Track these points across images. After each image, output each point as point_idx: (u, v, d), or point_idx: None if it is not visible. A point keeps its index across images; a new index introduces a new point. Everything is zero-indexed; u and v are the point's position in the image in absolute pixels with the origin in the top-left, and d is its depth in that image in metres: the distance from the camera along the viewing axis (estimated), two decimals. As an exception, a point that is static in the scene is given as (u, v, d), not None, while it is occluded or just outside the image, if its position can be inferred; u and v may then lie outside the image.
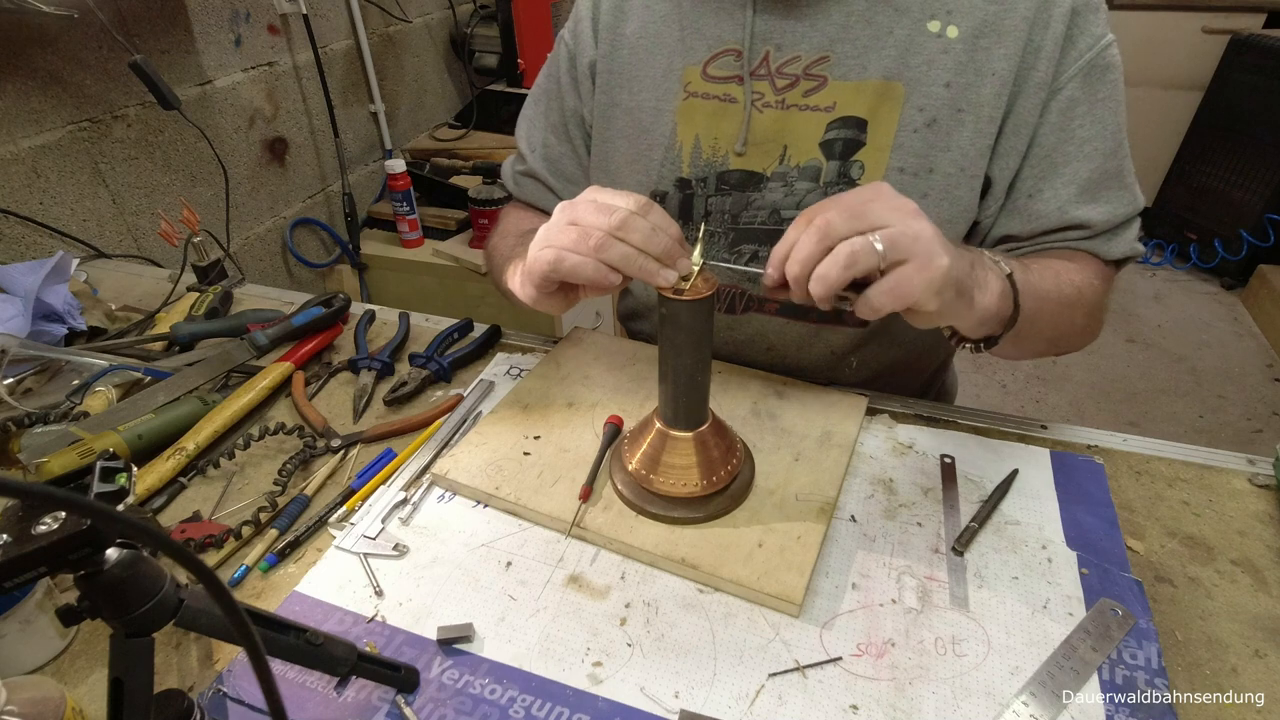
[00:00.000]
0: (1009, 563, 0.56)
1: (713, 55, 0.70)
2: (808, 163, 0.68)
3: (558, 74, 0.81)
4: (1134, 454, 0.67)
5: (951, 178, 0.65)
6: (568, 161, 0.84)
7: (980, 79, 0.63)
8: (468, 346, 0.82)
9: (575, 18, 0.79)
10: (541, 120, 0.84)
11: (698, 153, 0.72)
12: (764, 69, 0.68)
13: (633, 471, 0.60)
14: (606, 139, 0.78)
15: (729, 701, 0.47)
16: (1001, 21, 0.62)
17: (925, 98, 0.64)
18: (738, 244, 0.73)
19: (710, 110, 0.71)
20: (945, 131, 0.64)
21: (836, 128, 0.66)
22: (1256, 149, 2.53)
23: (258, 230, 1.64)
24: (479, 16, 2.10)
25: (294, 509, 0.62)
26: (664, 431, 0.59)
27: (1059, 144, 0.64)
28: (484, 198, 1.66)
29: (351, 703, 0.48)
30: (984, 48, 0.62)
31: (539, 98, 0.85)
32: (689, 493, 0.58)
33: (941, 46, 0.63)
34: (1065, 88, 0.63)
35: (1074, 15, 0.61)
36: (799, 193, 0.69)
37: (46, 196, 1.16)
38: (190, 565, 0.28)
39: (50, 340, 0.85)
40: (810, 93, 0.67)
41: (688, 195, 0.73)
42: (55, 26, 1.13)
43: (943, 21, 0.63)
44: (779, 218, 0.71)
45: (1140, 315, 2.59)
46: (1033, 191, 0.66)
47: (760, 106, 0.69)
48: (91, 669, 0.51)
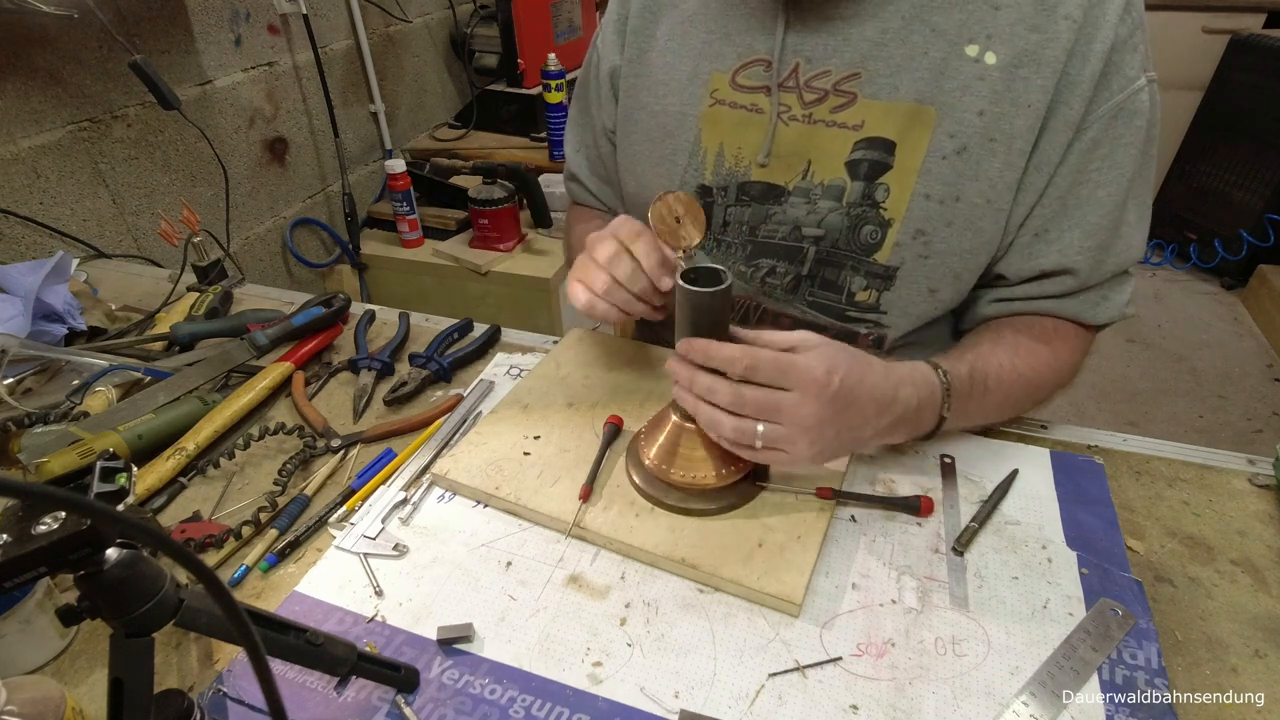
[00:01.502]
0: (1009, 563, 0.56)
1: (742, 64, 0.68)
2: (832, 181, 0.67)
3: (588, 80, 0.83)
4: (1134, 454, 0.67)
5: (978, 208, 0.63)
6: (600, 165, 0.87)
7: (1015, 110, 0.60)
8: (468, 346, 0.82)
9: (604, 21, 0.80)
10: (578, 123, 0.88)
11: (721, 161, 0.71)
12: (792, 81, 0.66)
13: (650, 464, 0.60)
14: (631, 142, 0.78)
15: (729, 701, 0.47)
16: (1042, 51, 0.58)
17: (957, 124, 0.61)
18: (755, 257, 0.73)
19: (736, 119, 0.69)
20: (975, 161, 0.62)
21: (863, 148, 0.65)
22: (1256, 149, 2.53)
23: (258, 230, 1.64)
24: (479, 16, 2.10)
25: (294, 509, 0.62)
26: (680, 424, 0.60)
27: (1073, 186, 0.62)
28: (484, 198, 1.65)
29: (351, 703, 0.48)
30: (1022, 78, 0.59)
31: (580, 93, 0.87)
32: (704, 484, 0.58)
33: (978, 72, 0.60)
34: (1090, 129, 0.60)
35: (1112, 52, 0.58)
36: (821, 211, 0.68)
37: (46, 196, 1.17)
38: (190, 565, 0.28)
39: (50, 340, 0.85)
40: (838, 109, 0.65)
41: (708, 203, 0.73)
42: (55, 26, 1.13)
43: (982, 46, 0.60)
44: (799, 234, 0.69)
45: (1140, 315, 2.59)
46: (1039, 230, 0.64)
47: (786, 119, 0.67)
48: (91, 669, 0.51)
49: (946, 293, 0.68)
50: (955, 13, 0.60)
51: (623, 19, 0.76)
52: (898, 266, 0.67)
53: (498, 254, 1.71)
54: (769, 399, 0.52)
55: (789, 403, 0.52)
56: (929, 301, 0.69)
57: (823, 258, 0.69)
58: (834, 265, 0.70)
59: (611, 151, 0.83)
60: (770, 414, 0.52)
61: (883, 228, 0.66)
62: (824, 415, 0.52)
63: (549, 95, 1.88)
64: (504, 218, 1.68)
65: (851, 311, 0.71)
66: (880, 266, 0.67)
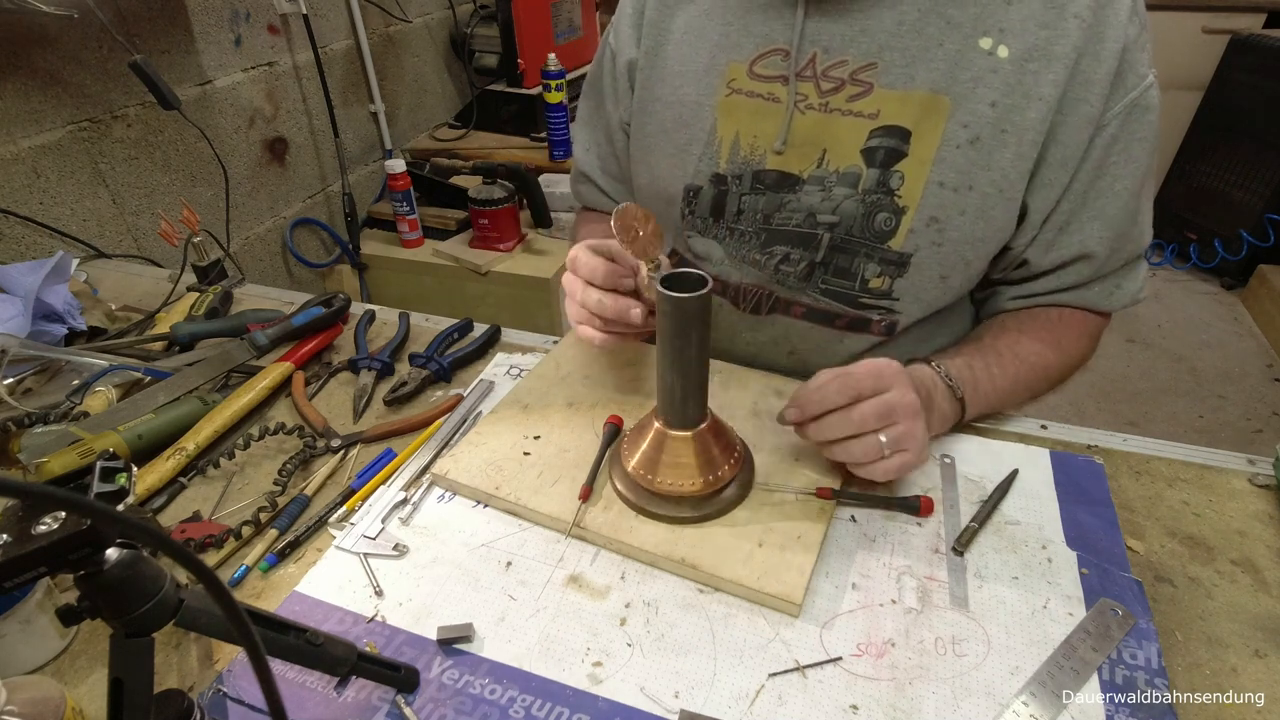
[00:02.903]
0: (1009, 563, 0.56)
1: (760, 54, 0.69)
2: (847, 169, 0.68)
3: (601, 75, 0.83)
4: (1134, 454, 0.67)
5: (989, 197, 0.65)
6: (613, 162, 0.87)
7: (1027, 102, 0.62)
8: (468, 346, 0.82)
9: (618, 16, 0.80)
10: (589, 120, 0.88)
11: (736, 149, 0.72)
12: (810, 70, 0.67)
13: (632, 471, 0.60)
14: (646, 134, 0.78)
15: (729, 701, 0.47)
16: (1051, 47, 0.61)
17: (970, 115, 0.63)
18: (770, 245, 0.73)
19: (753, 108, 0.70)
20: (988, 150, 0.63)
21: (879, 136, 0.66)
22: (1256, 149, 2.53)
23: (258, 230, 1.64)
24: (479, 16, 2.10)
25: (294, 509, 0.62)
26: (663, 431, 0.59)
27: (1094, 180, 0.65)
28: (484, 198, 1.66)
29: (351, 703, 0.48)
30: (1032, 71, 0.61)
31: (589, 93, 0.87)
32: (689, 492, 0.58)
33: (991, 65, 0.62)
34: (1109, 125, 0.63)
35: (1125, 52, 0.60)
36: (836, 198, 0.69)
37: (46, 196, 1.17)
38: (190, 565, 0.28)
39: (50, 340, 0.85)
40: (855, 98, 0.66)
41: (721, 191, 0.73)
42: (55, 26, 1.13)
43: (995, 40, 0.62)
44: (814, 221, 0.70)
45: (1140, 315, 2.59)
46: (1063, 225, 0.67)
47: (803, 108, 0.68)
48: (91, 669, 0.51)
49: (957, 279, 0.70)
50: (970, 6, 0.62)
51: (639, 12, 0.77)
52: (911, 253, 0.68)
53: (498, 254, 1.72)
54: (883, 403, 0.56)
55: (895, 398, 0.56)
56: (940, 288, 0.70)
57: (837, 245, 0.70)
58: (848, 252, 0.70)
59: (626, 146, 0.83)
60: (886, 417, 0.56)
61: (897, 215, 0.67)
62: (919, 400, 0.57)
63: (549, 95, 1.88)
64: (504, 218, 1.68)
65: (864, 298, 0.72)
66: (894, 253, 0.68)
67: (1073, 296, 0.71)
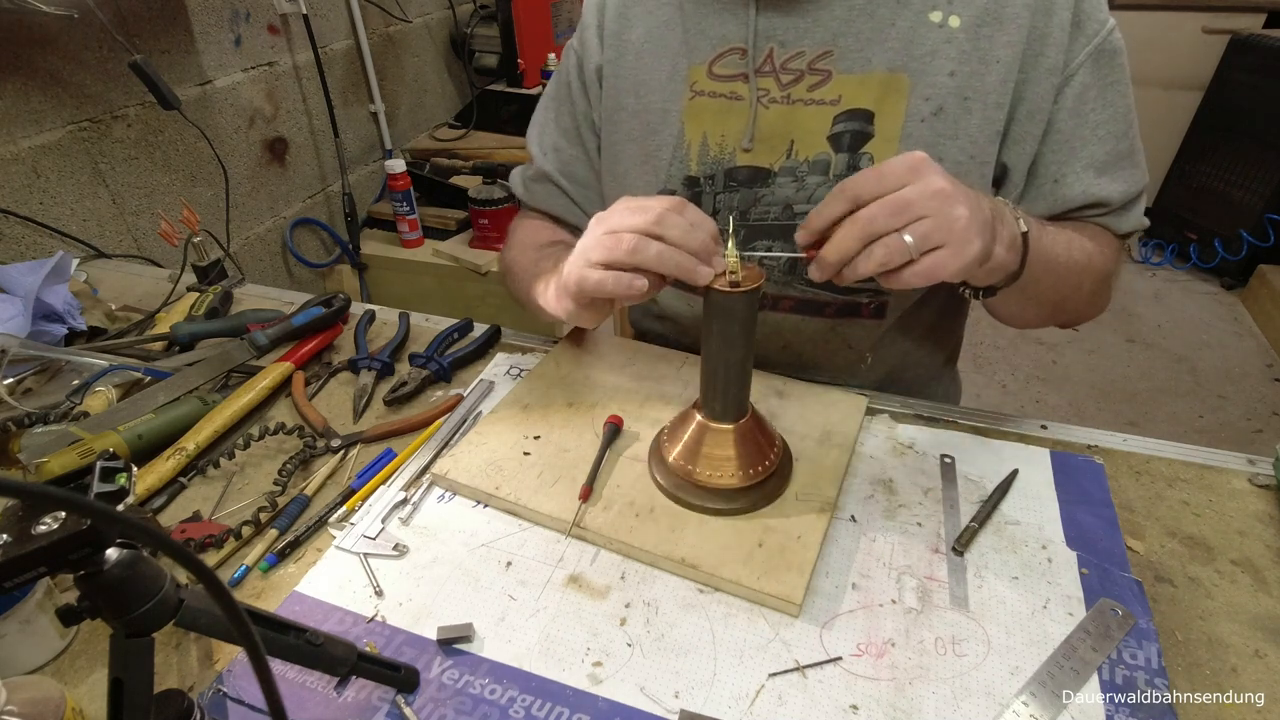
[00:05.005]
0: (1009, 563, 0.56)
1: (718, 54, 0.71)
2: (817, 156, 0.69)
3: (567, 79, 0.82)
4: (1134, 454, 0.67)
5: (961, 165, 0.66)
6: (579, 165, 0.84)
7: (985, 67, 0.63)
8: (468, 346, 0.82)
9: (581, 25, 0.80)
10: (553, 125, 0.85)
11: (705, 150, 0.72)
12: (769, 66, 0.69)
13: (673, 464, 0.60)
14: (614, 142, 0.78)
15: (729, 701, 0.47)
16: (1002, 10, 0.63)
17: (931, 88, 0.64)
18: (750, 240, 0.73)
19: (717, 108, 0.71)
20: (953, 120, 0.65)
21: (844, 120, 0.67)
22: (1256, 149, 2.53)
23: (258, 230, 1.64)
24: (479, 16, 2.10)
25: (294, 509, 0.62)
26: (705, 424, 0.60)
27: (1075, 129, 0.66)
28: (484, 198, 1.66)
29: (351, 703, 0.48)
30: (986, 36, 0.63)
31: (549, 104, 0.85)
32: (730, 484, 0.58)
33: (944, 36, 0.64)
34: (1077, 74, 0.64)
35: (1078, 2, 0.62)
36: (810, 187, 0.70)
37: (46, 196, 1.17)
38: (190, 565, 0.28)
39: (50, 340, 0.85)
40: (815, 87, 0.67)
41: (695, 193, 0.74)
42: (55, 26, 1.13)
43: (944, 12, 0.64)
44: (791, 212, 0.71)
45: (1140, 315, 2.59)
46: (1057, 177, 0.68)
47: (766, 103, 0.69)
48: (91, 669, 0.51)
49: None
50: None
51: (599, 25, 0.77)
52: None
53: (498, 254, 1.71)
54: (895, 200, 0.47)
55: (916, 191, 0.47)
56: None
57: None
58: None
59: (598, 147, 0.82)
60: (903, 212, 0.47)
61: None
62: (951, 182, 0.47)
63: (549, 95, 1.88)
64: (504, 218, 1.68)
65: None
66: None
67: (1085, 219, 0.71)
